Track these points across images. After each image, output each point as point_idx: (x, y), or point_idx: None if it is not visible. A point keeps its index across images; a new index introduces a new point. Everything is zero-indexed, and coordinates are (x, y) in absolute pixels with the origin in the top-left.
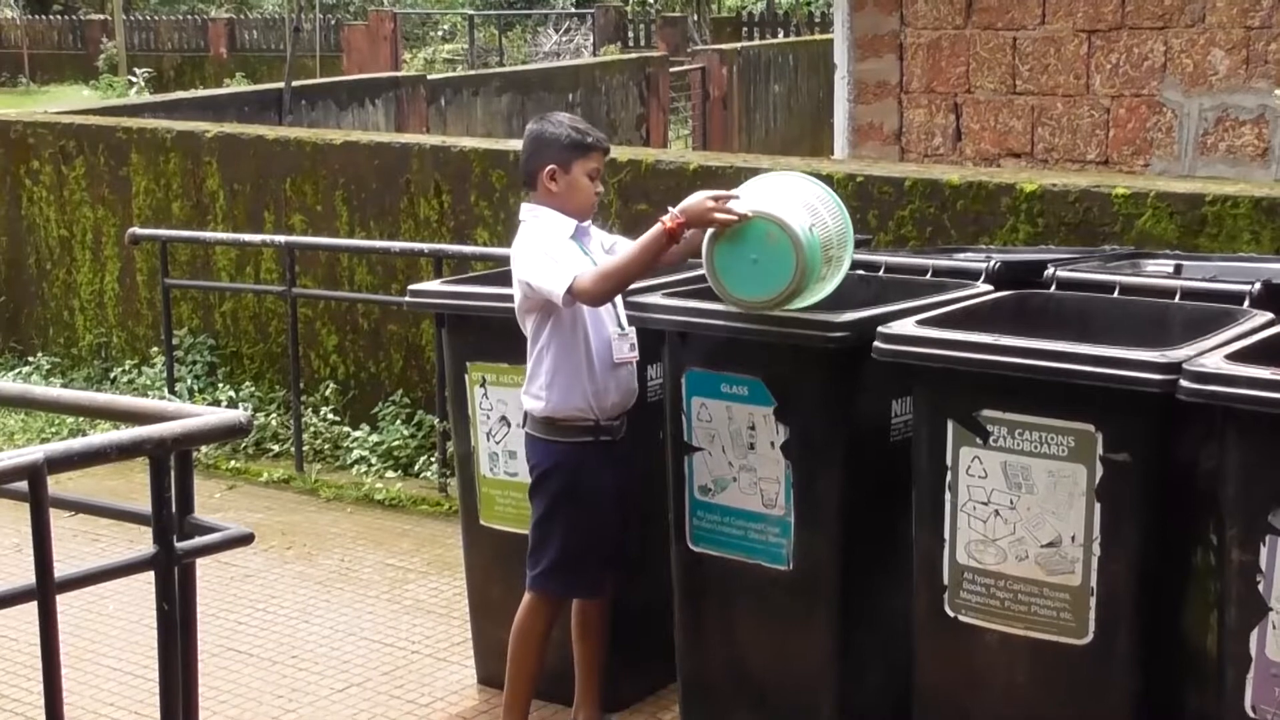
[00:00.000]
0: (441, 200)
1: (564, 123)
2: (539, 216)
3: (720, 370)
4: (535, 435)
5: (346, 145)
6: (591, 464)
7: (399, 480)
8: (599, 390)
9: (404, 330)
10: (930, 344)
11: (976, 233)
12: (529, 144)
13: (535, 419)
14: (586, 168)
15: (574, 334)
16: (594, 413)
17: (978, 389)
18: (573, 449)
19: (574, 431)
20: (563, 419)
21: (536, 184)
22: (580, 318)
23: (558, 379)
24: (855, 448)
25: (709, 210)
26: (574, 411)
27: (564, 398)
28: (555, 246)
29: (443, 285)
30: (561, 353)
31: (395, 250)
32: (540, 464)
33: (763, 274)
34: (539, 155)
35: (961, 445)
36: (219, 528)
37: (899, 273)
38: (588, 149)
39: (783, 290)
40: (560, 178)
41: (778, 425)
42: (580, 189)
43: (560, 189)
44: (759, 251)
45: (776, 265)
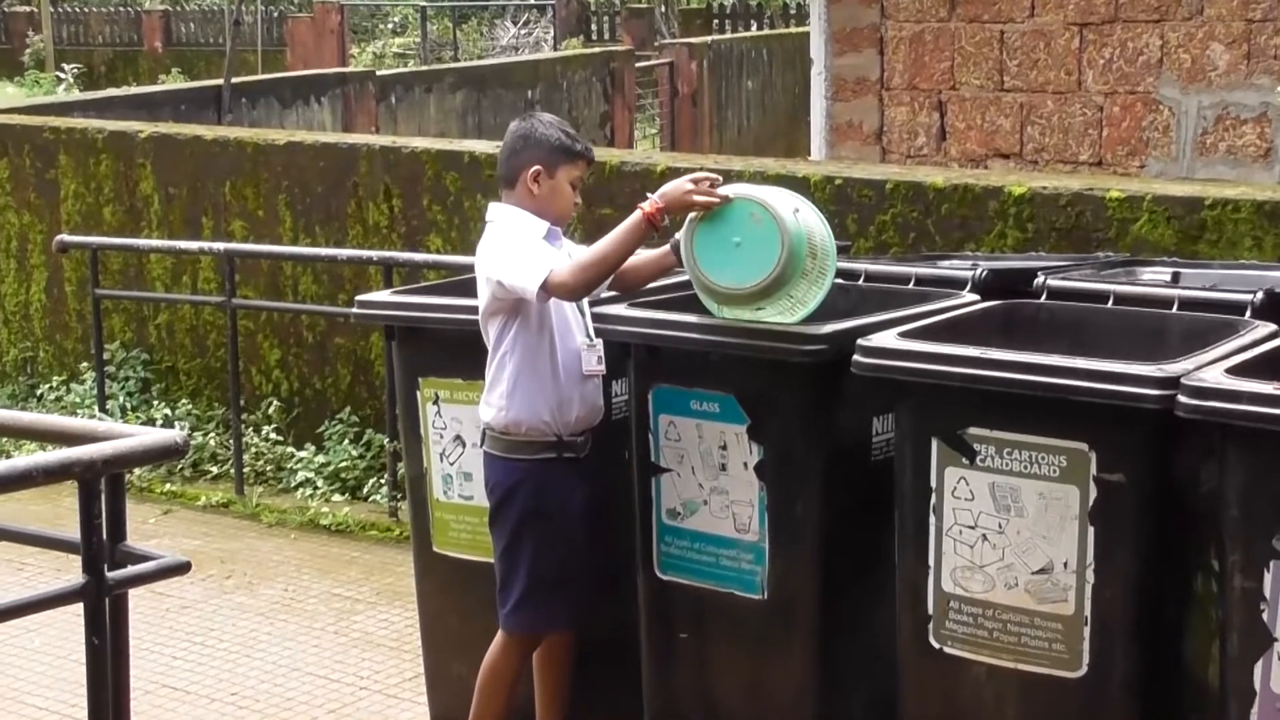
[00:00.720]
0: (392, 205)
1: (554, 124)
2: (512, 216)
3: (690, 386)
4: (494, 454)
5: (290, 146)
6: (557, 480)
7: (346, 504)
8: (563, 402)
9: (352, 344)
10: (913, 357)
11: (962, 239)
12: (514, 141)
13: (494, 435)
14: (571, 175)
15: (540, 341)
16: (557, 427)
17: (964, 405)
18: (536, 466)
19: (536, 448)
20: (523, 433)
21: (515, 184)
22: (548, 324)
23: (520, 388)
24: (834, 468)
25: (689, 193)
26: (536, 424)
27: (526, 408)
28: (528, 243)
29: (393, 296)
30: (525, 360)
31: (342, 258)
32: (501, 484)
33: (746, 258)
34: (524, 154)
35: (947, 465)
36: (153, 556)
37: (880, 281)
38: (575, 155)
39: (767, 275)
40: (544, 180)
41: (751, 444)
42: (562, 195)
43: (542, 192)
44: (742, 234)
45: (761, 248)
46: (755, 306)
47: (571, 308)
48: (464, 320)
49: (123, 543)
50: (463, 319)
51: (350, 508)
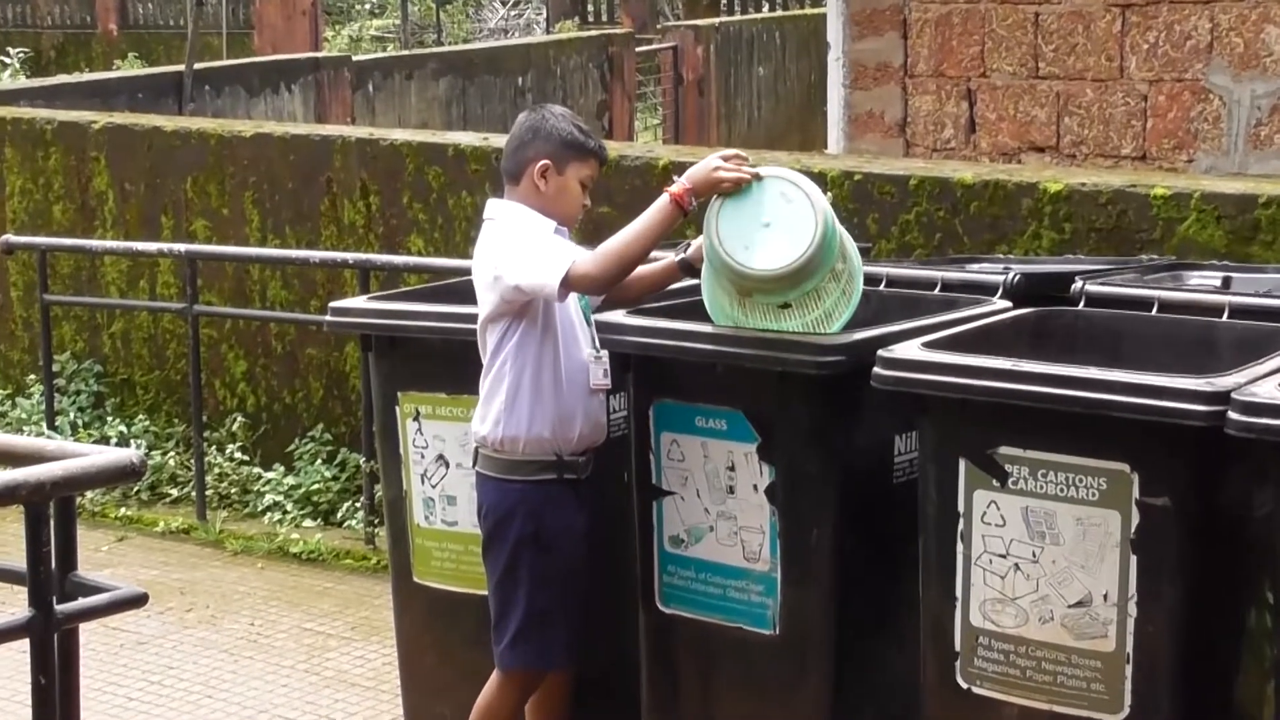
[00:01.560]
0: (369, 202)
1: (566, 118)
2: (516, 213)
3: (694, 401)
4: (488, 474)
5: (258, 138)
6: (557, 503)
7: (319, 530)
8: (565, 418)
9: (325, 355)
10: (939, 370)
11: (993, 240)
12: (523, 133)
13: (488, 453)
14: (581, 173)
15: (543, 350)
16: (557, 445)
17: (994, 422)
18: (534, 488)
19: (534, 468)
20: (521, 451)
21: (520, 178)
22: (553, 332)
23: (520, 401)
24: (852, 491)
25: (716, 170)
26: (535, 441)
27: (525, 424)
28: (539, 237)
29: (370, 302)
30: (527, 371)
31: (315, 261)
32: (496, 507)
33: (776, 240)
34: (532, 147)
35: (976, 488)
36: (106, 587)
37: (902, 287)
38: (587, 153)
39: (800, 257)
40: (552, 177)
41: (761, 465)
42: (570, 194)
43: (549, 189)
44: (773, 214)
45: (792, 229)
46: (781, 300)
47: (578, 315)
48: (448, 329)
49: (73, 573)
50: (447, 328)
51: (323, 534)
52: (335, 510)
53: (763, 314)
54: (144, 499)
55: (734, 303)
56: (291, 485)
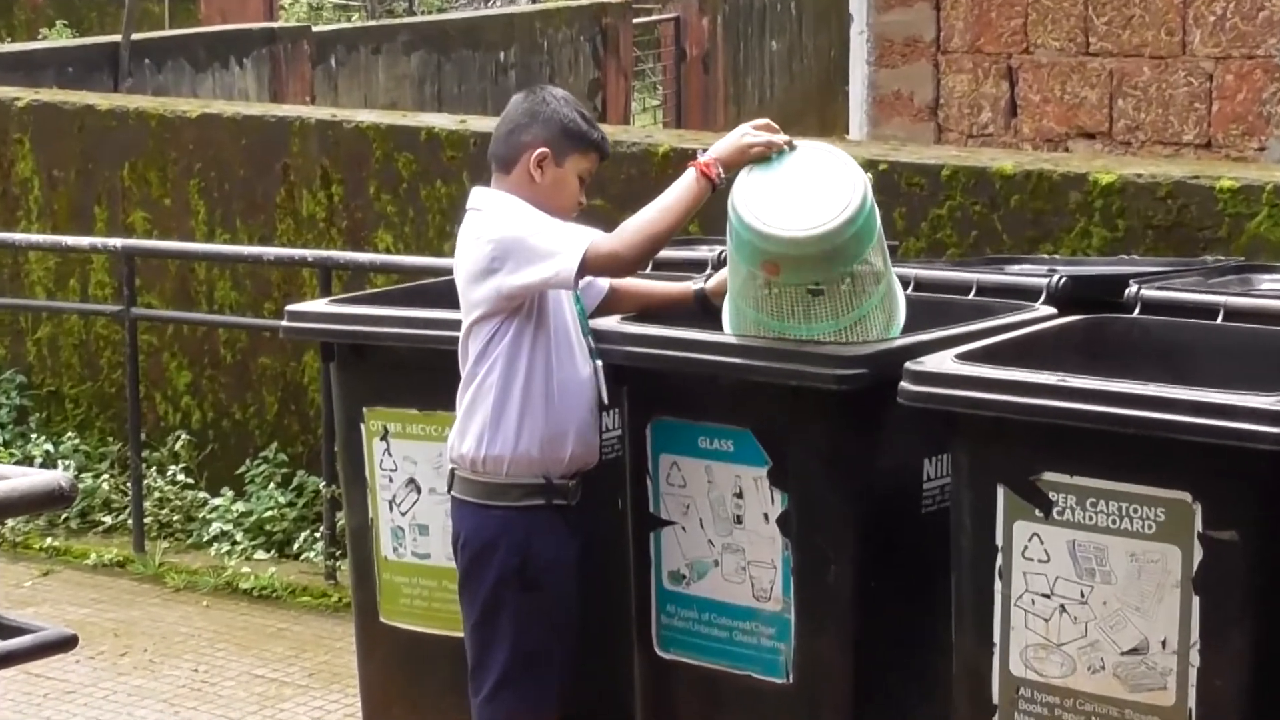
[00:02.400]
0: (331, 193)
1: (569, 103)
2: (506, 203)
3: (697, 419)
4: (466, 500)
5: (204, 119)
6: (545, 533)
7: (272, 563)
8: (556, 436)
9: (280, 364)
10: (974, 385)
11: (1036, 238)
12: (519, 115)
13: (466, 476)
14: (580, 166)
15: (534, 358)
16: (545, 466)
17: (1037, 445)
18: (519, 515)
19: (519, 492)
20: (505, 473)
21: (513, 166)
22: (546, 336)
23: (507, 415)
24: (875, 521)
25: (745, 137)
26: (522, 462)
27: (512, 441)
28: (541, 220)
29: (332, 305)
30: (517, 381)
31: (269, 258)
32: (475, 537)
33: (810, 202)
34: (529, 132)
35: (1016, 519)
36: (30, 628)
37: (933, 290)
38: (590, 145)
39: (838, 219)
40: (549, 167)
41: (773, 492)
42: (567, 188)
43: (544, 181)
44: (806, 180)
45: (830, 191)
46: (813, 281)
47: (574, 319)
48: (420, 337)
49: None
50: (419, 335)
51: (277, 568)
52: (291, 541)
53: (791, 305)
54: (73, 528)
55: (757, 295)
56: (241, 512)
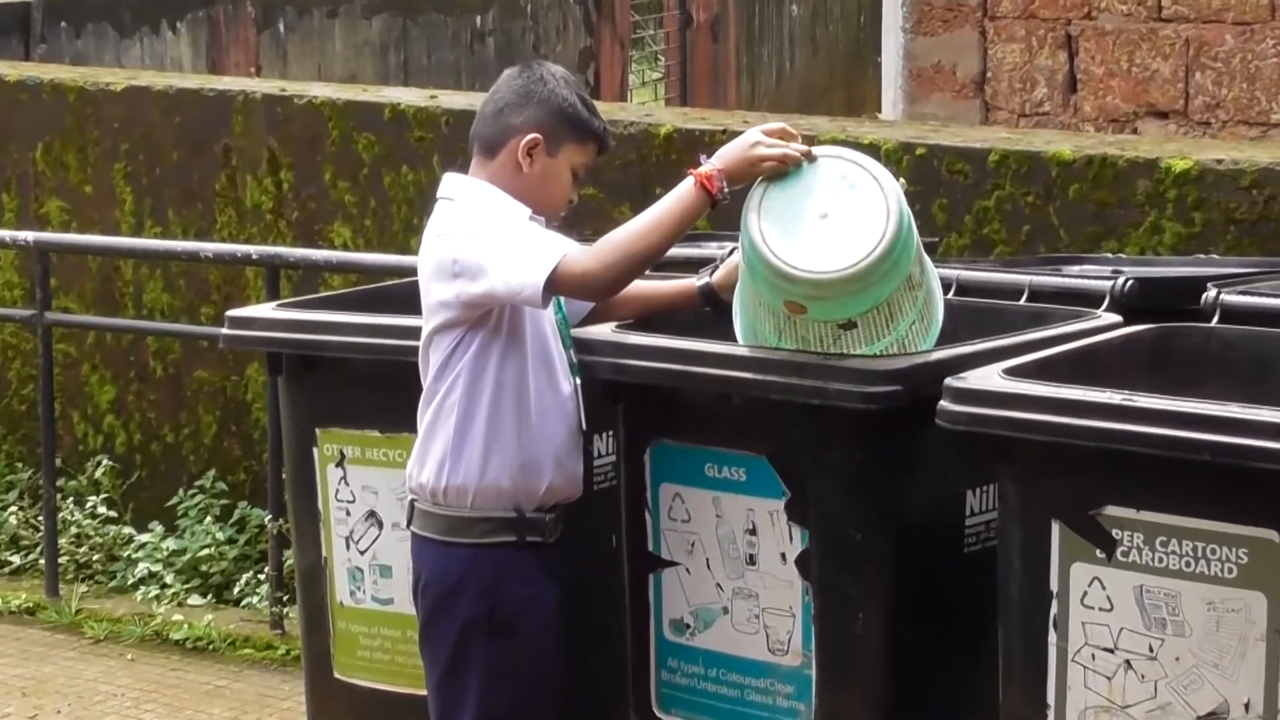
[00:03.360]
0: (279, 179)
1: (569, 84)
2: (483, 194)
3: (704, 443)
4: (427, 536)
5: (132, 93)
6: (517, 574)
7: (209, 610)
8: (531, 464)
9: (219, 378)
10: (1025, 404)
11: (1098, 234)
12: (509, 94)
13: (426, 508)
14: (575, 159)
15: (504, 372)
16: (518, 497)
17: (1099, 475)
18: (486, 554)
19: (486, 527)
20: (470, 505)
21: (498, 151)
22: (520, 347)
23: (472, 439)
24: (910, 562)
25: (756, 147)
26: (490, 492)
27: (478, 469)
28: (516, 223)
29: (280, 310)
30: (480, 400)
31: (208, 255)
32: (438, 579)
33: (838, 234)
34: (522, 114)
35: (1074, 560)
36: None
37: (978, 295)
38: (589, 135)
39: (871, 255)
40: (540, 156)
41: (792, 528)
42: (558, 182)
43: (534, 171)
44: (831, 202)
45: (859, 219)
46: (843, 318)
47: (553, 330)
48: (383, 347)
49: None
50: (381, 345)
51: (214, 615)
52: (231, 584)
53: (818, 339)
54: None
55: (778, 325)
56: (173, 550)
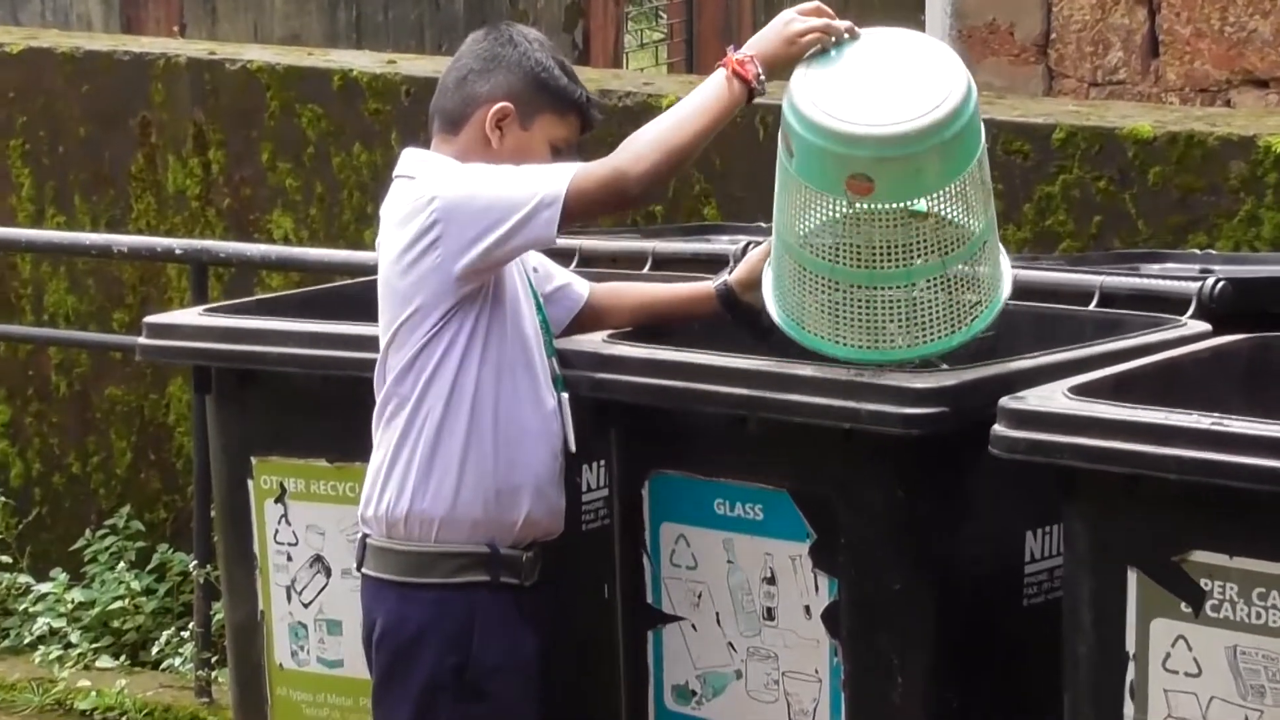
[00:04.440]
0: (208, 159)
1: (543, 47)
2: (447, 165)
3: (713, 475)
4: (381, 577)
5: (31, 56)
6: (493, 620)
7: (122, 673)
8: (508, 490)
9: (135, 397)
10: (1096, 429)
11: (1184, 226)
12: (474, 59)
13: (382, 544)
14: (554, 131)
15: (482, 379)
16: (491, 530)
17: (1184, 514)
18: (456, 596)
19: (454, 564)
20: (435, 537)
21: (463, 124)
22: (500, 351)
23: (443, 457)
24: (959, 617)
25: (792, 24)
26: (460, 523)
27: (450, 493)
28: (501, 167)
29: (208, 316)
30: (459, 409)
31: (121, 250)
32: (397, 628)
33: (901, 92)
34: (489, 80)
35: (1155, 615)
36: None
37: (1041, 298)
38: (569, 105)
39: (946, 102)
40: (511, 128)
41: (817, 576)
42: (535, 159)
43: (505, 145)
44: (886, 69)
45: (924, 77)
46: (917, 192)
47: (536, 333)
48: (333, 359)
49: None
50: (330, 356)
51: (128, 680)
52: (148, 643)
53: (885, 239)
54: None
55: (834, 238)
56: (79, 603)
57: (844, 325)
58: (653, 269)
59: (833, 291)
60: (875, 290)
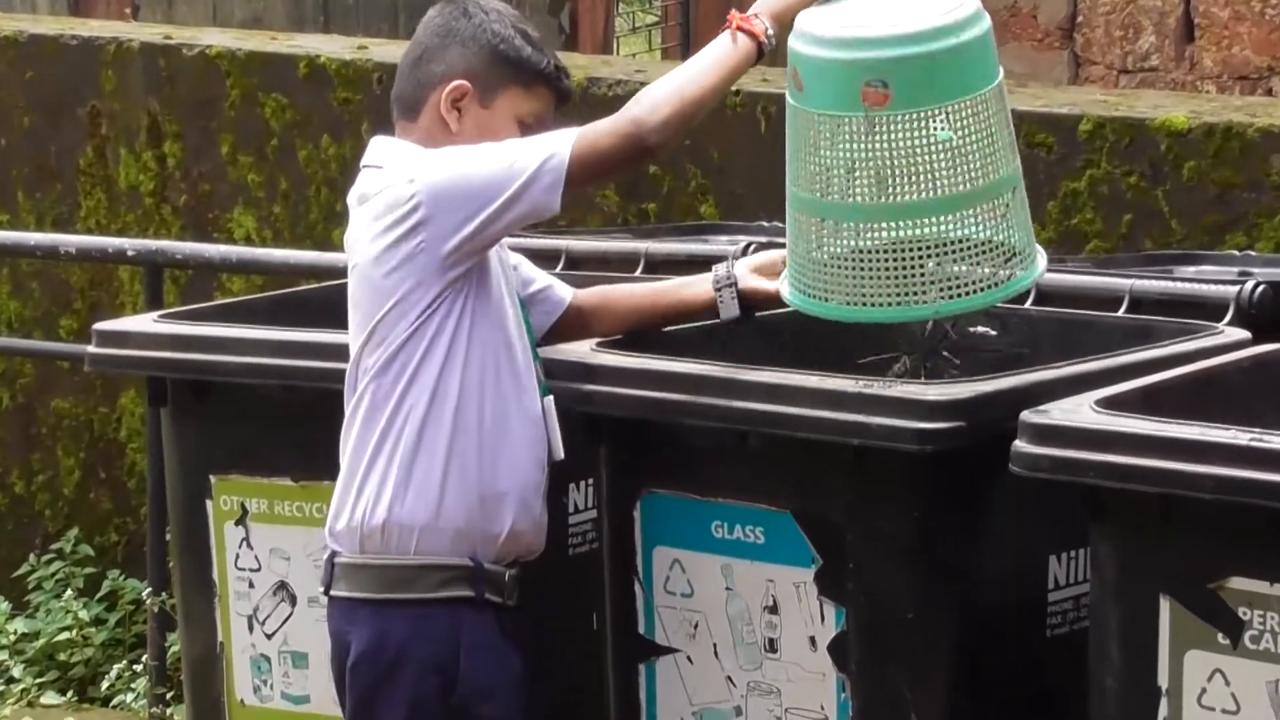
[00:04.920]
0: (163, 152)
1: (504, 18)
2: (417, 152)
3: (710, 495)
4: (355, 596)
5: None
6: (477, 640)
7: (69, 710)
8: (491, 499)
9: (84, 410)
10: (1125, 445)
11: (1221, 224)
12: (428, 37)
13: (353, 561)
14: (521, 106)
15: (467, 377)
16: (474, 542)
17: (1221, 538)
18: (440, 613)
19: (437, 578)
20: (414, 548)
21: (420, 108)
22: (484, 348)
23: (426, 460)
24: (977, 649)
25: None
26: (442, 533)
27: (432, 501)
28: (485, 144)
29: (163, 323)
30: (443, 409)
31: (69, 251)
32: (375, 649)
33: (904, 7)
34: (443, 59)
35: (1189, 647)
36: None
37: (1066, 303)
38: (535, 76)
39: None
40: (470, 108)
41: (823, 604)
42: (498, 137)
43: (465, 126)
44: None
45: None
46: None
47: (520, 332)
48: (298, 369)
49: None
50: (296, 366)
51: (76, 717)
52: (98, 677)
53: (907, 155)
54: None
55: (850, 156)
56: (22, 634)
57: (868, 280)
58: (645, 271)
59: (854, 239)
60: (899, 228)
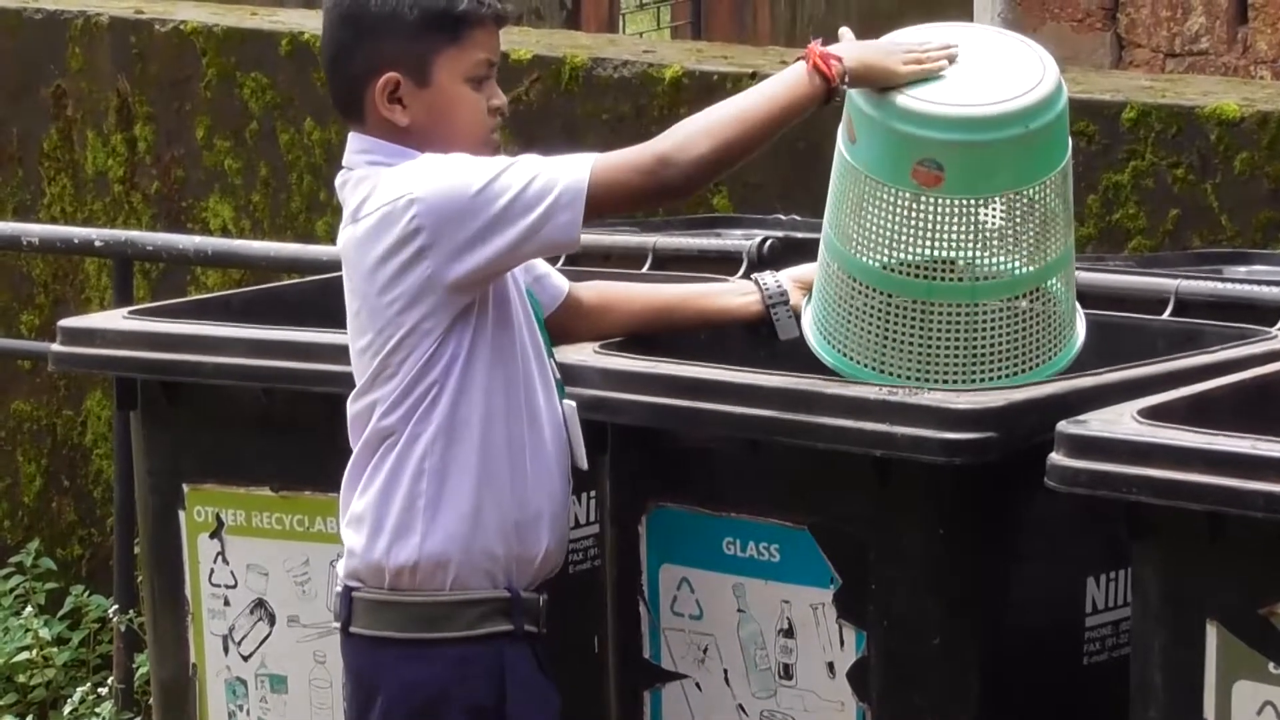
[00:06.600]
0: (133, 135)
1: None
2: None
3: (722, 509)
4: (384, 635)
5: None
6: (521, 679)
7: None
8: (526, 523)
9: (46, 414)
10: (1171, 459)
11: (1275, 221)
12: (335, 30)
13: (378, 598)
14: (464, 64)
15: (491, 393)
16: (509, 570)
17: (1272, 561)
18: (481, 653)
19: (477, 613)
20: (450, 584)
21: (359, 112)
22: (504, 358)
23: (453, 488)
24: (1008, 678)
25: (893, 56)
26: (477, 564)
27: (464, 530)
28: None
29: (133, 319)
30: (467, 433)
31: (31, 241)
32: (405, 695)
33: (985, 79)
34: (357, 55)
35: (1238, 676)
36: None
37: (1107, 305)
38: (455, 21)
39: (1035, 90)
40: (410, 97)
41: (843, 628)
42: (459, 111)
43: (414, 118)
44: (970, 61)
45: (1010, 64)
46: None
47: (534, 338)
48: (279, 370)
49: None
50: (276, 367)
51: None
52: (60, 700)
53: (955, 229)
54: None
55: (894, 224)
56: None
57: (891, 349)
58: (653, 267)
59: (884, 307)
60: (931, 307)
